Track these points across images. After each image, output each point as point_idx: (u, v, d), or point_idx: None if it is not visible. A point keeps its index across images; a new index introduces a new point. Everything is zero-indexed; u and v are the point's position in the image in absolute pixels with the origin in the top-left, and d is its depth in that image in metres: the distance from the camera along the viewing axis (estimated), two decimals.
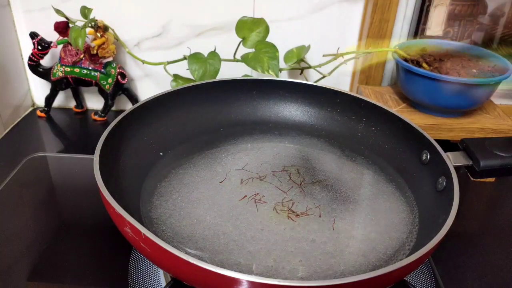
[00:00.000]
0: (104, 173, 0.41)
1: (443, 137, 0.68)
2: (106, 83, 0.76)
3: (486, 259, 0.54)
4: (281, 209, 0.47)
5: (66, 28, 0.72)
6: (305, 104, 0.63)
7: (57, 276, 0.49)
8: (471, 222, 0.60)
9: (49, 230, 0.55)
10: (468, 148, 0.49)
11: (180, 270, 0.35)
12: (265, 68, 0.67)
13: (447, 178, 0.45)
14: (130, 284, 0.47)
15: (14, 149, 0.72)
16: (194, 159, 0.55)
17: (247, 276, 0.31)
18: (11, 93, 0.79)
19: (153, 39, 0.78)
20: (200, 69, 0.69)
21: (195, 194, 0.49)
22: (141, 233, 0.34)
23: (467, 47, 0.73)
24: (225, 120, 0.62)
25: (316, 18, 0.75)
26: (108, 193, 0.38)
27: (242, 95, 0.62)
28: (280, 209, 0.47)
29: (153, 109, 0.55)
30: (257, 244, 0.43)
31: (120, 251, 0.51)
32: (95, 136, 0.47)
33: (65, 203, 0.62)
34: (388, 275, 0.33)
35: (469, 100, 0.67)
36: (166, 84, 0.73)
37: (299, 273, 0.40)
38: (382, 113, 0.57)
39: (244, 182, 0.51)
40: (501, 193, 0.68)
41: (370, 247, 0.43)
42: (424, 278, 0.49)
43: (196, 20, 0.76)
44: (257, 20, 0.68)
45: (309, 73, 0.79)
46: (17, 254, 0.51)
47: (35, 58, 0.75)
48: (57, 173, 0.67)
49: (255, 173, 0.53)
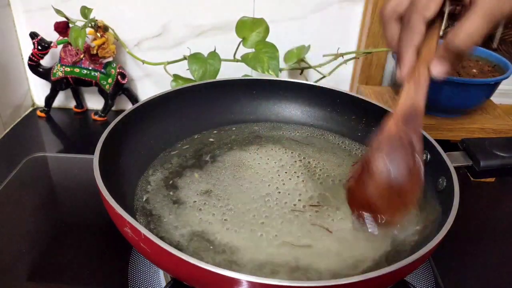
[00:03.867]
0: (104, 173, 0.41)
1: (443, 137, 0.68)
2: (106, 83, 0.76)
3: (486, 259, 0.54)
4: (282, 208, 0.47)
5: (66, 28, 0.72)
6: (305, 104, 0.63)
7: (57, 276, 0.49)
8: (471, 222, 0.60)
9: (49, 230, 0.55)
10: (468, 148, 0.49)
11: (180, 270, 0.35)
12: (265, 68, 0.67)
13: (447, 178, 0.45)
14: (130, 284, 0.47)
15: (14, 149, 0.72)
16: (194, 159, 0.55)
17: (247, 276, 0.31)
18: (11, 93, 0.79)
19: (153, 39, 0.78)
20: (200, 69, 0.69)
21: (196, 194, 0.49)
22: (141, 233, 0.34)
23: None
24: (225, 120, 0.62)
25: (316, 18, 0.75)
26: (108, 193, 0.38)
27: (242, 95, 0.62)
28: (282, 208, 0.47)
29: (153, 109, 0.55)
30: (260, 243, 0.43)
31: (120, 251, 0.51)
32: (95, 136, 0.47)
33: (65, 203, 0.62)
34: (388, 275, 0.33)
35: (469, 100, 0.67)
36: (166, 84, 0.73)
37: (300, 261, 0.40)
38: (382, 113, 0.56)
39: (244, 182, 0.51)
40: (501, 193, 0.68)
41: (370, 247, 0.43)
42: (424, 278, 0.49)
43: (196, 20, 0.76)
44: (257, 20, 0.68)
45: (309, 73, 0.79)
46: (17, 254, 0.51)
47: (35, 58, 0.75)
48: (57, 173, 0.67)
49: (255, 173, 0.53)
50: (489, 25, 0.35)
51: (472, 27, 0.35)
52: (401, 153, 0.42)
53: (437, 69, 0.40)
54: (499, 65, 0.70)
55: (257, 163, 0.55)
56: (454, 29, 0.36)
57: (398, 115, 0.42)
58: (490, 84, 0.65)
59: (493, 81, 0.64)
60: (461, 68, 0.69)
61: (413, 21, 0.39)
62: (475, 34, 0.36)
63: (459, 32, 0.36)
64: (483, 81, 0.64)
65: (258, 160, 0.55)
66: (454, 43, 0.37)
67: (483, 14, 0.35)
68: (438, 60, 0.39)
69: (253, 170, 0.53)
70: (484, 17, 0.35)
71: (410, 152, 0.42)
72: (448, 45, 0.37)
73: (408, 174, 0.42)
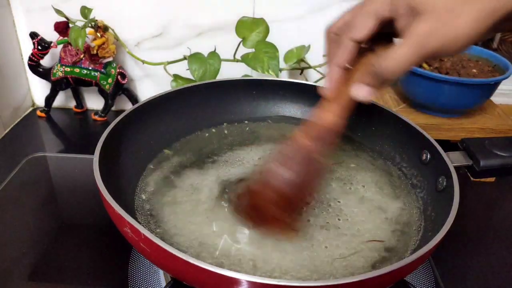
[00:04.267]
0: (104, 173, 0.41)
1: (443, 137, 0.68)
2: (106, 83, 0.76)
3: (486, 259, 0.54)
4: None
5: (66, 28, 0.72)
6: (305, 104, 0.63)
7: (57, 276, 0.49)
8: (471, 222, 0.60)
9: (49, 230, 0.55)
10: (468, 148, 0.49)
11: (180, 270, 0.35)
12: (265, 68, 0.67)
13: (447, 178, 0.45)
14: (130, 284, 0.47)
15: (14, 149, 0.72)
16: (194, 159, 0.55)
17: (247, 276, 0.31)
18: (11, 93, 0.79)
19: (153, 39, 0.78)
20: (200, 69, 0.69)
21: (196, 194, 0.49)
22: (141, 233, 0.34)
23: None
24: (225, 120, 0.62)
25: (316, 18, 0.75)
26: (108, 193, 0.38)
27: (242, 95, 0.62)
28: None
29: (153, 109, 0.55)
30: (260, 242, 0.43)
31: (120, 251, 0.51)
32: (95, 136, 0.47)
33: (65, 203, 0.62)
34: (388, 275, 0.33)
35: (469, 100, 0.67)
36: (166, 84, 0.73)
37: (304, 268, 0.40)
38: (382, 113, 0.56)
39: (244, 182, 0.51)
40: (501, 193, 0.68)
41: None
42: (424, 278, 0.49)
43: (196, 20, 0.76)
44: (257, 20, 0.68)
45: (309, 73, 0.79)
46: (17, 254, 0.51)
47: (35, 58, 0.75)
48: (57, 173, 0.67)
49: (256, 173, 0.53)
50: (418, 56, 0.35)
51: (399, 54, 0.35)
52: (306, 166, 0.41)
53: (357, 91, 0.39)
54: (499, 65, 0.70)
55: (257, 163, 0.55)
56: (383, 55, 0.36)
57: (313, 131, 0.42)
58: (490, 84, 0.65)
59: (493, 81, 0.64)
60: (461, 68, 0.69)
61: (343, 39, 0.40)
62: (400, 62, 0.35)
63: (386, 58, 0.36)
64: (483, 81, 0.64)
65: (258, 160, 0.55)
66: (379, 67, 0.36)
67: (413, 44, 0.34)
68: (360, 81, 0.39)
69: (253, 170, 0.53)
70: (413, 47, 0.34)
71: (314, 166, 0.42)
72: (373, 69, 0.37)
73: (304, 187, 0.42)
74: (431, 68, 0.68)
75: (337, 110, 0.41)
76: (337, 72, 0.41)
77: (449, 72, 0.68)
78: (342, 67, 0.41)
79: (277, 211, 0.42)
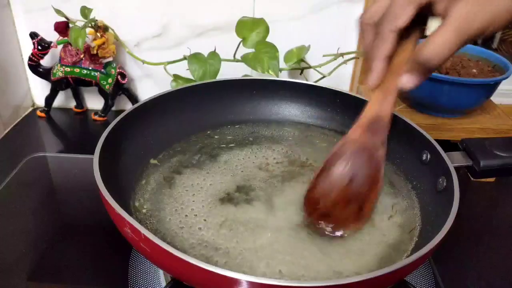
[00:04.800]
0: (104, 173, 0.41)
1: (443, 137, 0.68)
2: (106, 83, 0.76)
3: (486, 259, 0.54)
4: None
5: (66, 28, 0.72)
6: (305, 104, 0.63)
7: (57, 276, 0.49)
8: (471, 222, 0.60)
9: (49, 230, 0.55)
10: (468, 148, 0.49)
11: (180, 270, 0.35)
12: (265, 68, 0.67)
13: (447, 178, 0.45)
14: (130, 284, 0.47)
15: (14, 149, 0.72)
16: (194, 159, 0.55)
17: (247, 276, 0.31)
18: (11, 93, 0.79)
19: (153, 39, 0.78)
20: (200, 69, 0.69)
21: (196, 194, 0.49)
22: (141, 233, 0.34)
23: (467, 47, 0.73)
24: (225, 120, 0.62)
25: (316, 18, 0.75)
26: (108, 193, 0.38)
27: (242, 95, 0.62)
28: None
29: (153, 109, 0.55)
30: (260, 242, 0.43)
31: (120, 251, 0.51)
32: (95, 136, 0.47)
33: (65, 203, 0.62)
34: (388, 275, 0.33)
35: (469, 100, 0.67)
36: (166, 84, 0.73)
37: (301, 272, 0.40)
38: None
39: (245, 182, 0.51)
40: (501, 193, 0.68)
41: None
42: (424, 278, 0.49)
43: (196, 20, 0.76)
44: (257, 20, 0.68)
45: (309, 73, 0.79)
46: (17, 254, 0.51)
47: (35, 58, 0.75)
48: (57, 173, 0.67)
49: (256, 173, 0.53)
50: (461, 39, 0.34)
51: (441, 40, 0.35)
52: (362, 159, 0.42)
53: (405, 80, 0.39)
54: (499, 65, 0.70)
55: (258, 163, 0.55)
56: (424, 42, 0.36)
57: (364, 123, 0.42)
58: (490, 84, 0.65)
59: (493, 81, 0.64)
60: (461, 68, 0.69)
61: (384, 30, 0.39)
62: (444, 48, 0.35)
63: (428, 45, 0.35)
64: (483, 81, 0.64)
65: (259, 160, 0.55)
66: (423, 55, 0.36)
67: (454, 28, 0.34)
68: (407, 71, 0.39)
69: (253, 170, 0.53)
70: (455, 31, 0.34)
71: (372, 159, 0.42)
72: (417, 57, 0.37)
73: (367, 181, 0.43)
74: None
75: (386, 101, 0.42)
76: (381, 63, 0.41)
77: (449, 72, 0.68)
78: (386, 58, 0.41)
79: (349, 211, 0.43)
